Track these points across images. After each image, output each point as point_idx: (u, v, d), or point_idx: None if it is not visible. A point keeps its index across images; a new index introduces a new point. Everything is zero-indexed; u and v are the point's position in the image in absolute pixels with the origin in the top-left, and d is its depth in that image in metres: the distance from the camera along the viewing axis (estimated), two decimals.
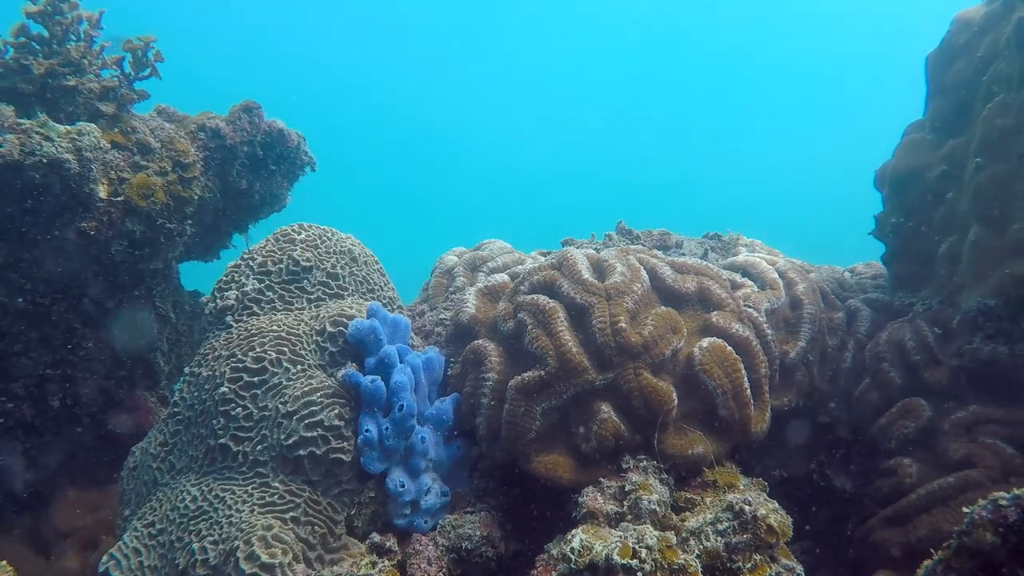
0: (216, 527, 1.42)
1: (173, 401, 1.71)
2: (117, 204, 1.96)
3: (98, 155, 1.90)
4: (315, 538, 1.43)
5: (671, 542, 1.26)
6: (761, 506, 1.32)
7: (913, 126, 2.12)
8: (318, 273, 1.79)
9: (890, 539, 1.60)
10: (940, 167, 1.93)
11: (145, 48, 2.18)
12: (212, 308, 1.76)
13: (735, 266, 1.91)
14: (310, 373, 1.57)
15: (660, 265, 1.67)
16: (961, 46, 1.96)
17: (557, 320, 1.51)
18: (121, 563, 1.49)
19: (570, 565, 1.24)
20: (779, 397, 1.72)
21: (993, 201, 1.69)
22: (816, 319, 1.80)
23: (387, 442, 1.50)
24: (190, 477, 1.57)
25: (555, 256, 1.71)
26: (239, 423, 1.54)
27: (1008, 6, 1.83)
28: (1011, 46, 1.72)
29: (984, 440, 1.61)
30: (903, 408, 1.73)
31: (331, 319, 1.64)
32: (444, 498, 1.56)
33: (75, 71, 2.05)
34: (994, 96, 1.75)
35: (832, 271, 2.21)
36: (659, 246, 2.17)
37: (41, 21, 2.02)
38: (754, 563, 1.30)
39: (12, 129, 1.79)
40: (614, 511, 1.38)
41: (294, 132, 2.45)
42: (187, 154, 2.15)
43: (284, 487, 1.46)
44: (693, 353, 1.51)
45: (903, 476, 1.65)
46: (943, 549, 0.94)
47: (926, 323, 1.81)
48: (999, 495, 0.87)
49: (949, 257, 1.85)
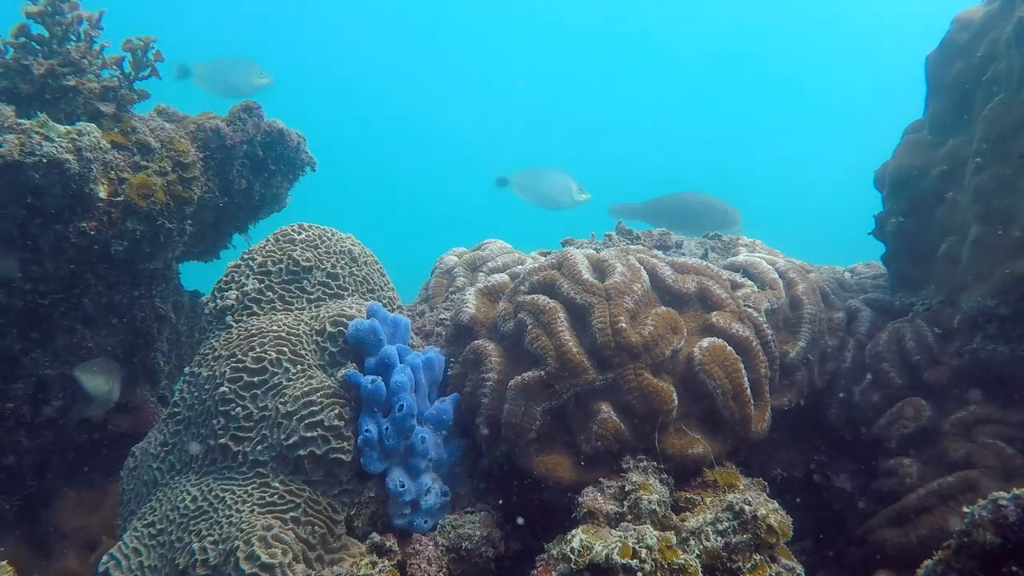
0: (216, 527, 1.42)
1: (173, 401, 1.71)
2: (117, 204, 1.96)
3: (98, 155, 1.90)
4: (315, 538, 1.43)
5: (671, 542, 1.26)
6: (761, 506, 1.32)
7: (913, 126, 2.12)
8: (318, 273, 1.79)
9: (890, 539, 1.60)
10: (940, 167, 1.93)
11: (145, 48, 2.18)
12: (212, 308, 1.76)
13: (735, 266, 1.91)
14: (310, 373, 1.57)
15: (660, 265, 1.67)
16: (961, 46, 1.96)
17: (557, 320, 1.51)
18: (121, 563, 1.49)
19: (570, 565, 1.24)
20: (779, 397, 1.72)
21: (993, 201, 1.69)
22: (816, 319, 1.80)
23: (387, 442, 1.50)
24: (190, 477, 1.57)
25: (555, 256, 1.71)
26: (239, 423, 1.54)
27: (1008, 6, 1.83)
28: (1011, 46, 1.72)
29: (984, 440, 1.61)
30: (903, 408, 1.73)
31: (331, 319, 1.64)
32: (444, 498, 1.56)
33: (75, 71, 2.05)
34: (994, 96, 1.75)
35: (832, 271, 2.21)
36: (659, 246, 2.17)
37: (41, 21, 2.02)
38: (754, 563, 1.30)
39: (12, 129, 1.79)
40: (614, 511, 1.38)
41: (294, 132, 2.45)
42: (187, 154, 2.15)
43: (284, 487, 1.46)
44: (693, 353, 1.51)
45: (903, 476, 1.65)
46: (943, 549, 0.94)
47: (926, 323, 1.81)
48: (999, 495, 0.87)
49: (949, 257, 1.85)
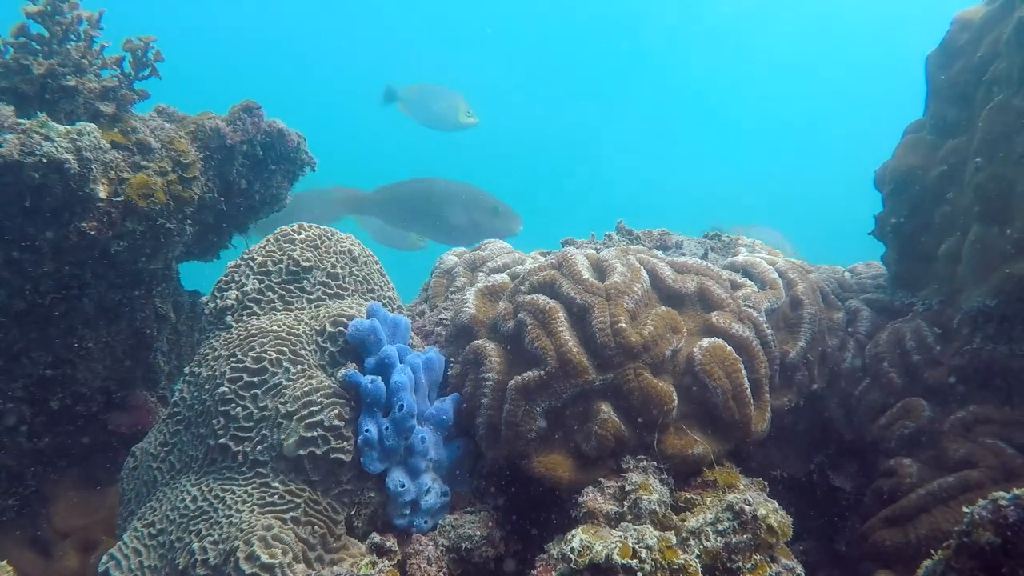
0: (216, 527, 1.42)
1: (173, 401, 1.71)
2: (117, 204, 1.96)
3: (98, 155, 1.90)
4: (315, 538, 1.43)
5: (671, 542, 1.26)
6: (761, 506, 1.32)
7: (913, 126, 2.12)
8: (318, 273, 1.79)
9: (890, 539, 1.60)
10: (940, 167, 1.93)
11: (145, 48, 2.18)
12: (212, 308, 1.76)
13: (735, 266, 1.91)
14: (310, 373, 1.57)
15: (660, 265, 1.67)
16: (961, 46, 1.96)
17: (557, 320, 1.51)
18: (121, 563, 1.49)
19: (570, 565, 1.24)
20: (779, 397, 1.72)
21: (993, 201, 1.69)
22: (816, 319, 1.80)
23: (387, 442, 1.50)
24: (190, 477, 1.57)
25: (555, 256, 1.71)
26: (239, 423, 1.54)
27: (1008, 6, 1.83)
28: (1011, 46, 1.72)
29: (984, 440, 1.61)
30: (903, 408, 1.73)
31: (331, 319, 1.64)
32: (444, 498, 1.56)
33: (75, 71, 2.05)
34: (994, 96, 1.75)
35: (832, 271, 2.21)
36: (659, 246, 2.17)
37: (41, 21, 2.02)
38: (754, 563, 1.30)
39: (12, 129, 1.79)
40: (614, 511, 1.38)
41: (294, 132, 2.45)
42: (187, 154, 2.15)
43: (284, 487, 1.46)
44: (693, 353, 1.51)
45: (903, 476, 1.65)
46: (943, 549, 0.94)
47: (926, 323, 1.81)
48: (999, 495, 0.87)
49: (949, 257, 1.85)
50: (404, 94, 3.96)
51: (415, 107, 3.94)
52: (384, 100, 3.98)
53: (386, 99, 3.96)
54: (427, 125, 3.98)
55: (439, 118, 3.87)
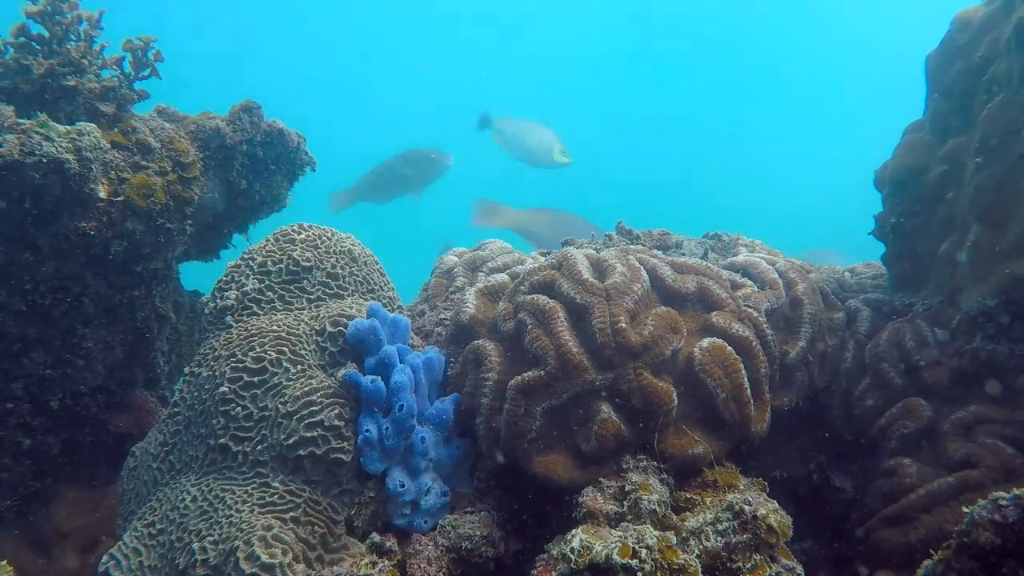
0: (216, 527, 1.42)
1: (173, 401, 1.71)
2: (117, 204, 1.96)
3: (98, 155, 1.90)
4: (315, 538, 1.43)
5: (671, 542, 1.26)
6: (761, 506, 1.32)
7: (913, 126, 2.12)
8: (318, 273, 1.79)
9: (890, 539, 1.60)
10: (940, 167, 1.93)
11: (145, 48, 2.18)
12: (212, 308, 1.76)
13: (735, 266, 1.91)
14: (310, 373, 1.57)
15: (660, 265, 1.67)
16: (961, 46, 1.96)
17: (557, 320, 1.51)
18: (121, 563, 1.49)
19: (570, 565, 1.24)
20: (779, 397, 1.72)
21: (993, 201, 1.69)
22: (816, 319, 1.80)
23: (387, 442, 1.50)
24: (190, 477, 1.57)
25: (555, 256, 1.72)
26: (239, 423, 1.54)
27: (1008, 6, 1.82)
28: (1011, 46, 1.72)
29: (984, 440, 1.61)
30: (903, 408, 1.73)
31: (331, 319, 1.64)
32: (444, 498, 1.56)
33: (75, 71, 2.05)
34: (994, 96, 1.75)
35: (832, 271, 2.21)
36: (659, 246, 2.17)
37: (41, 21, 2.02)
38: (754, 563, 1.30)
39: (12, 129, 1.79)
40: (614, 511, 1.38)
41: (294, 132, 2.45)
42: (187, 154, 2.15)
43: (284, 487, 1.46)
44: (693, 353, 1.51)
45: (903, 476, 1.65)
46: (943, 549, 0.94)
47: (926, 323, 1.81)
48: (999, 495, 0.87)
49: (949, 257, 1.85)
50: (498, 124, 3.91)
51: (509, 140, 3.90)
52: (478, 126, 3.94)
53: (480, 125, 3.92)
54: (520, 159, 3.94)
55: (533, 154, 3.84)
